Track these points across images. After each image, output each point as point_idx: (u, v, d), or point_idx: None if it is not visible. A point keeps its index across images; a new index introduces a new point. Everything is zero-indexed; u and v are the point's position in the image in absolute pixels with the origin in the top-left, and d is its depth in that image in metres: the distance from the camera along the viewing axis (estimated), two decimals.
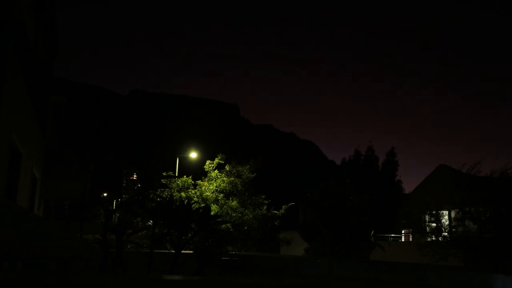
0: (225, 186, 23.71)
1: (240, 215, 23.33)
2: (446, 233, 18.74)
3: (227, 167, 24.37)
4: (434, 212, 19.31)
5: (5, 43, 8.45)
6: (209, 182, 23.81)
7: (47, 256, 4.24)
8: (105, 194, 77.69)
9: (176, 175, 27.75)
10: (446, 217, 20.22)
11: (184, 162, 33.28)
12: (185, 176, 23.96)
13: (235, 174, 24.33)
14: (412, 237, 28.33)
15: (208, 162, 24.79)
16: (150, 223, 4.26)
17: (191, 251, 5.08)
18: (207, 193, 23.14)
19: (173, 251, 4.09)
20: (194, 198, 22.37)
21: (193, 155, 33.46)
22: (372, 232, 28.39)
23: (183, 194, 22.77)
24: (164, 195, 19.84)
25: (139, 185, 4.01)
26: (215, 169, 24.44)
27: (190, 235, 4.24)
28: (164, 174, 23.19)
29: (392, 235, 32.23)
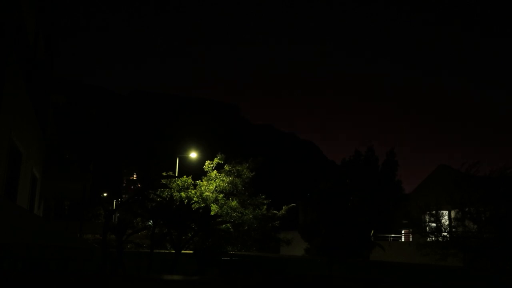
0: (225, 186, 23.74)
1: (240, 215, 23.34)
2: (446, 233, 18.73)
3: (226, 167, 24.38)
4: (434, 212, 19.31)
5: (5, 43, 8.45)
6: (209, 182, 23.83)
7: (47, 256, 4.24)
8: (105, 194, 77.70)
9: (176, 175, 27.77)
10: (446, 217, 20.20)
11: (184, 162, 33.27)
12: (185, 176, 23.98)
13: (235, 174, 24.34)
14: (412, 237, 28.32)
15: (207, 162, 24.80)
16: (150, 223, 4.25)
17: (191, 251, 5.07)
18: (207, 193, 23.16)
19: (173, 251, 4.09)
20: (194, 198, 22.40)
21: (193, 155, 33.45)
22: (372, 232, 28.37)
23: (183, 194, 22.79)
24: (164, 195, 19.85)
25: (139, 185, 4.02)
26: (214, 169, 24.46)
27: (190, 235, 4.24)
28: (164, 174, 23.26)
29: (392, 235, 32.20)
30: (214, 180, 23.85)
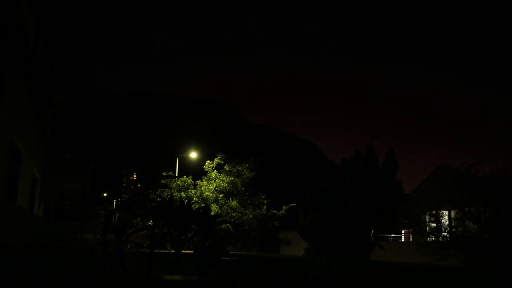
0: (225, 186, 23.73)
1: (240, 215, 23.33)
2: (446, 233, 18.73)
3: (226, 167, 24.38)
4: (434, 212, 19.30)
5: (5, 43, 8.45)
6: (209, 182, 23.83)
7: (47, 256, 4.24)
8: (105, 194, 77.69)
9: (176, 175, 27.76)
10: (446, 217, 20.20)
11: (184, 162, 33.26)
12: (185, 176, 23.97)
13: (235, 174, 24.34)
14: (412, 237, 28.32)
15: (208, 162, 24.80)
16: (150, 223, 4.25)
17: (191, 251, 5.07)
18: (207, 193, 23.15)
19: (173, 251, 4.08)
20: (194, 198, 22.39)
21: (193, 155, 33.43)
22: (372, 232, 28.38)
23: (183, 194, 22.78)
24: (164, 195, 19.85)
25: (139, 185, 4.01)
26: (214, 169, 24.46)
27: (190, 235, 4.24)
28: (164, 174, 23.28)
29: (392, 235, 32.20)
30: (214, 180, 23.84)
